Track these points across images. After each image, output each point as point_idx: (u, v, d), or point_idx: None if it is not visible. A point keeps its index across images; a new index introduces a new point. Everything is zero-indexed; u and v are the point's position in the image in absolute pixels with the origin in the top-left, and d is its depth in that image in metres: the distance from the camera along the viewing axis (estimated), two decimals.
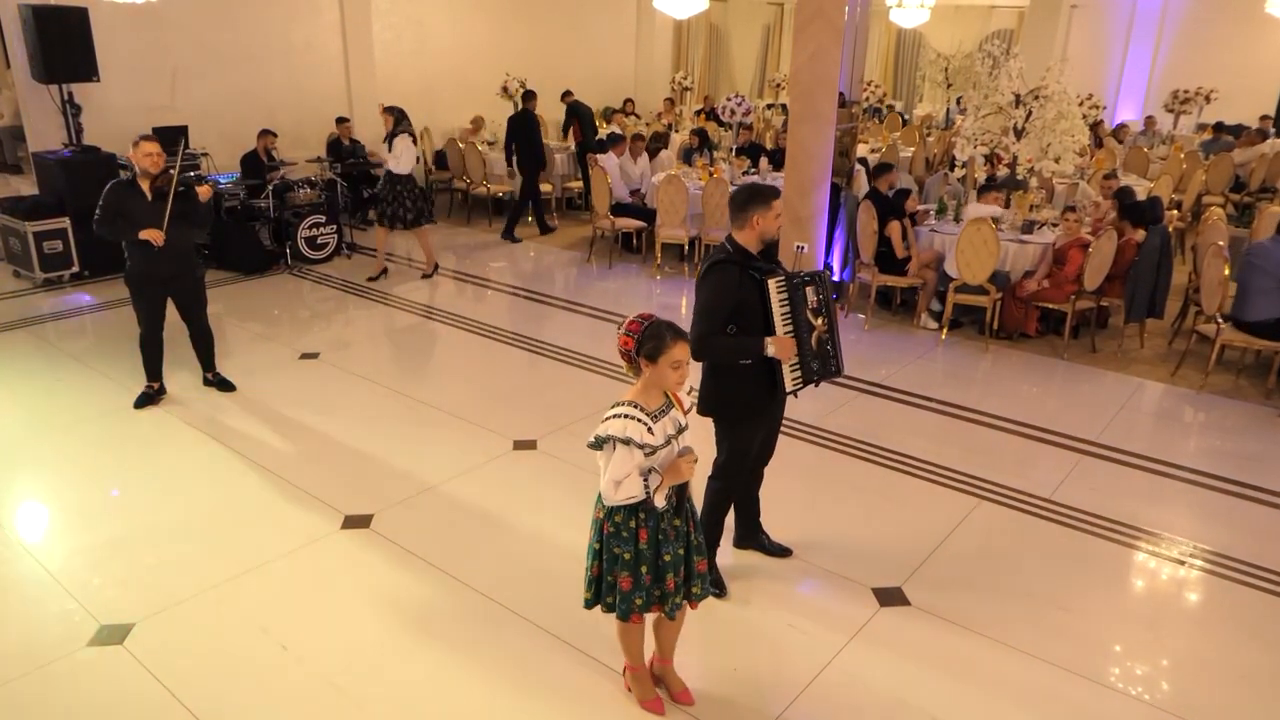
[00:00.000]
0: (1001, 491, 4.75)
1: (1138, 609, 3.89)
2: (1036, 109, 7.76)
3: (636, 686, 3.17)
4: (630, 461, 2.68)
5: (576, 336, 7.04)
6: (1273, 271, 5.93)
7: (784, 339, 3.43)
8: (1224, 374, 6.45)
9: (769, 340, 3.40)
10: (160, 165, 5.17)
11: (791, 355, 3.46)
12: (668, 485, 2.78)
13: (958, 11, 17.52)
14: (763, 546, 4.10)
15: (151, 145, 5.15)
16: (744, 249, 3.46)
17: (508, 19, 13.03)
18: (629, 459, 2.68)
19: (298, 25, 10.60)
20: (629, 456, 2.68)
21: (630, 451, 2.68)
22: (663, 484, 2.77)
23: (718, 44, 18.73)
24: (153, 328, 5.46)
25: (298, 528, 4.26)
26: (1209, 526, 4.49)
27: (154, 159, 5.13)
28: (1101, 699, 3.28)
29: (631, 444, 2.67)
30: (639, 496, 2.74)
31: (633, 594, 2.84)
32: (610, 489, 2.72)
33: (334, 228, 9.09)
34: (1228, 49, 14.83)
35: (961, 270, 6.85)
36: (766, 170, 9.82)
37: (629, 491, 2.71)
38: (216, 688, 3.24)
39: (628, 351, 2.75)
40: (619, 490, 2.71)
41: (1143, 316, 6.95)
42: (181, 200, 5.25)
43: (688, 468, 2.78)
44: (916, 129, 14.25)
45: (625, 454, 2.68)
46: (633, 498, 2.72)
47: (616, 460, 2.68)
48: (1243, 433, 5.61)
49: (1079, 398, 6.09)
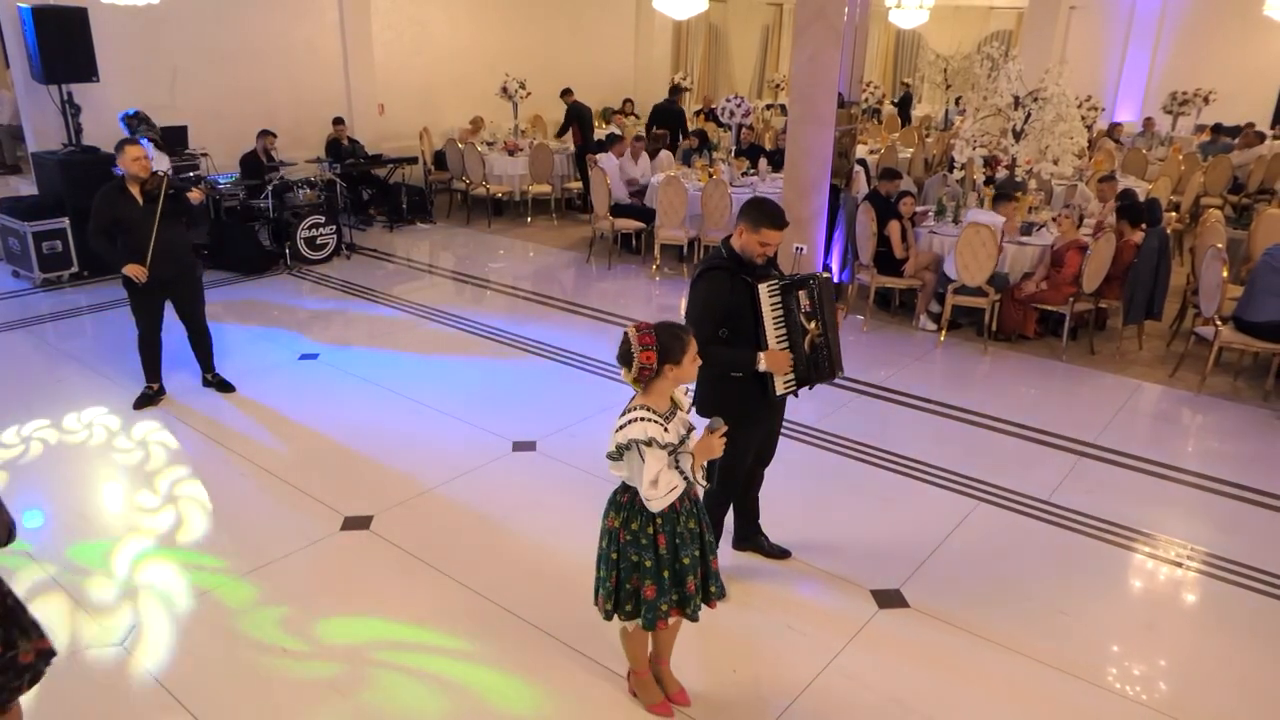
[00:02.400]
0: (1000, 493, 4.76)
1: (1135, 611, 3.90)
2: (1035, 111, 7.78)
3: (643, 692, 3.17)
4: (660, 460, 2.66)
5: (576, 337, 7.05)
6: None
7: (777, 353, 3.42)
8: (1222, 376, 6.47)
9: (762, 355, 3.39)
10: (148, 169, 5.17)
11: (785, 369, 3.46)
12: (700, 464, 2.76)
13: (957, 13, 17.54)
14: (761, 548, 4.11)
15: (137, 149, 5.13)
16: (738, 254, 3.46)
17: (507, 19, 13.04)
18: (658, 458, 2.66)
19: (297, 25, 10.60)
20: (657, 456, 2.66)
21: (656, 451, 2.66)
22: (695, 464, 2.75)
23: (717, 44, 18.74)
24: (151, 328, 5.47)
25: (298, 529, 4.27)
26: (1207, 528, 4.50)
27: (141, 163, 5.12)
28: (1099, 700, 3.29)
29: (654, 444, 2.65)
30: (681, 486, 2.72)
31: (658, 601, 2.82)
32: (650, 490, 2.66)
33: (333, 228, 9.09)
34: (1226, 51, 14.86)
35: (960, 272, 6.86)
36: (766, 171, 9.83)
37: (669, 484, 2.68)
38: (218, 689, 3.24)
39: (651, 365, 2.65)
40: (658, 488, 2.66)
41: (1141, 318, 6.96)
42: (173, 202, 5.27)
43: (718, 443, 2.75)
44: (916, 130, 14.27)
45: (652, 455, 2.66)
46: (675, 489, 2.70)
47: (648, 463, 2.65)
48: (1240, 435, 5.62)
49: (1077, 399, 6.10)
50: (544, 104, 12.73)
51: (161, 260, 5.21)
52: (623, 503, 2.84)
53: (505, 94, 11.37)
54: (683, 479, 2.72)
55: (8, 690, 2.51)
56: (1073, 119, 7.69)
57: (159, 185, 5.18)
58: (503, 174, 10.86)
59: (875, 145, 12.54)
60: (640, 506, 2.78)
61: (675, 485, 2.69)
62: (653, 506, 2.71)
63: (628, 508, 2.82)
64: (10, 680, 2.51)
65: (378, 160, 10.84)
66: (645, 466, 2.65)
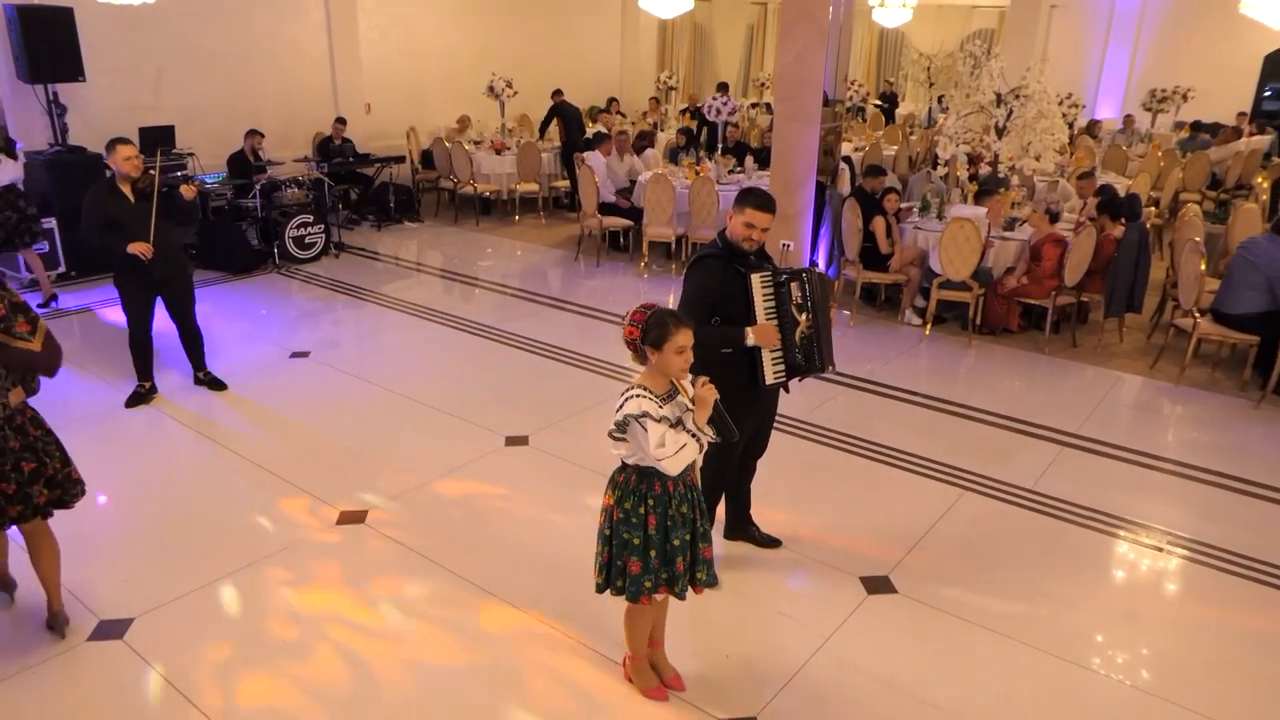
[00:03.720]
0: (985, 482, 4.85)
1: (1117, 594, 4.00)
2: (1017, 108, 7.89)
3: (638, 676, 3.24)
4: (660, 427, 2.74)
5: (566, 334, 7.11)
6: (1264, 269, 6.05)
7: (765, 326, 3.50)
8: (1201, 367, 6.60)
9: (749, 329, 3.47)
10: (139, 167, 5.19)
11: (773, 342, 3.52)
12: (704, 418, 2.82)
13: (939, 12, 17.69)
14: (752, 538, 4.18)
15: (128, 149, 5.15)
16: (732, 244, 3.54)
17: (493, 19, 13.07)
18: (657, 427, 2.74)
19: (284, 25, 10.60)
20: (656, 426, 2.74)
21: (653, 423, 2.74)
22: (698, 418, 2.81)
23: (702, 43, 18.82)
24: (142, 327, 5.49)
25: (293, 523, 4.31)
26: (1185, 514, 4.61)
27: (133, 162, 5.14)
28: (1083, 681, 3.38)
29: (648, 417, 2.74)
30: (691, 443, 2.79)
31: (642, 577, 2.91)
32: (659, 452, 2.73)
33: (321, 227, 9.10)
34: (1203, 49, 15.07)
35: (945, 266, 6.96)
36: (752, 169, 9.91)
37: (676, 443, 2.75)
38: (218, 680, 3.28)
39: (633, 340, 2.81)
40: (667, 448, 2.73)
41: (1122, 311, 7.09)
42: (165, 200, 5.28)
43: (705, 390, 2.80)
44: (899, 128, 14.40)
45: (652, 425, 2.74)
46: (685, 446, 2.77)
47: (650, 432, 2.72)
48: (1219, 424, 5.74)
49: (1060, 391, 6.21)
50: (530, 103, 12.77)
51: (155, 260, 5.21)
52: (619, 481, 2.93)
53: (492, 93, 11.40)
54: (690, 435, 2.79)
55: (63, 501, 3.41)
56: (1054, 116, 7.81)
57: (151, 183, 5.20)
58: (490, 173, 10.90)
59: (860, 143, 12.65)
60: (635, 486, 2.88)
61: (684, 443, 2.77)
62: (670, 469, 2.78)
63: (623, 486, 2.91)
64: (69, 491, 3.42)
65: (365, 159, 10.85)
66: (648, 436, 2.73)
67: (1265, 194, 9.75)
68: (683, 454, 2.77)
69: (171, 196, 5.34)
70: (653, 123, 13.47)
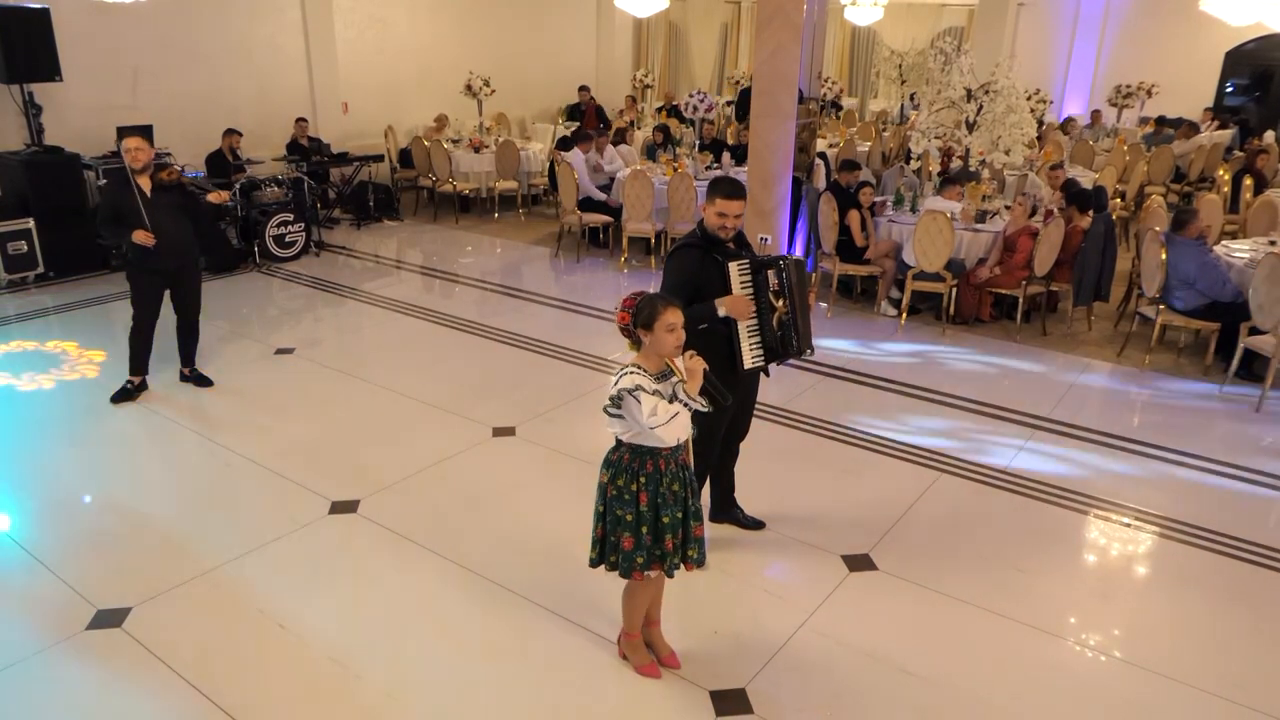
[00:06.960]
0: (960, 465, 5.02)
1: (1088, 568, 4.17)
2: (987, 103, 8.08)
3: (633, 654, 3.34)
4: (652, 399, 2.84)
5: (548, 328, 7.20)
6: (1181, 276, 6.30)
7: (737, 297, 3.59)
8: (1165, 353, 6.81)
9: (719, 301, 3.58)
10: (141, 160, 5.25)
11: (746, 312, 3.61)
12: (695, 389, 2.93)
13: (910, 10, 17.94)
14: (737, 520, 4.30)
15: (131, 140, 5.28)
16: (710, 234, 3.66)
17: (469, 18, 13.11)
18: (650, 399, 2.84)
19: (260, 24, 10.59)
20: (649, 398, 2.84)
21: (646, 395, 2.84)
22: (690, 388, 2.92)
23: (677, 42, 18.96)
24: (147, 319, 5.55)
25: (287, 513, 4.37)
26: (1153, 492, 4.80)
27: (133, 154, 5.22)
28: (1056, 650, 3.54)
29: (641, 390, 2.84)
30: (683, 411, 2.90)
31: (634, 553, 3.03)
32: (651, 420, 2.82)
33: (301, 226, 9.12)
34: (1167, 45, 15.43)
35: (919, 258, 7.13)
36: (729, 165, 10.04)
37: (668, 412, 2.86)
38: (217, 665, 3.35)
39: (626, 326, 2.92)
40: (659, 416, 2.83)
41: (1089, 300, 7.30)
42: (179, 194, 5.46)
43: (693, 361, 2.91)
44: (873, 124, 14.60)
45: (645, 398, 2.84)
46: (677, 414, 2.88)
47: (643, 404, 2.82)
48: (1183, 407, 5.95)
49: (1031, 378, 6.40)
50: (508, 102, 12.83)
51: (166, 252, 5.32)
52: (613, 460, 3.04)
53: (470, 92, 11.44)
54: (681, 404, 2.91)
55: None
56: (1022, 110, 8.01)
57: (174, 180, 5.41)
58: (469, 171, 10.95)
59: (834, 139, 12.83)
60: (628, 464, 2.99)
61: (675, 411, 2.88)
62: (664, 436, 2.90)
63: (617, 464, 3.02)
64: None
65: (343, 158, 10.86)
66: (641, 408, 2.84)
67: (1226, 186, 10.03)
68: (675, 422, 2.89)
69: (186, 195, 5.56)
70: (629, 120, 13.57)
